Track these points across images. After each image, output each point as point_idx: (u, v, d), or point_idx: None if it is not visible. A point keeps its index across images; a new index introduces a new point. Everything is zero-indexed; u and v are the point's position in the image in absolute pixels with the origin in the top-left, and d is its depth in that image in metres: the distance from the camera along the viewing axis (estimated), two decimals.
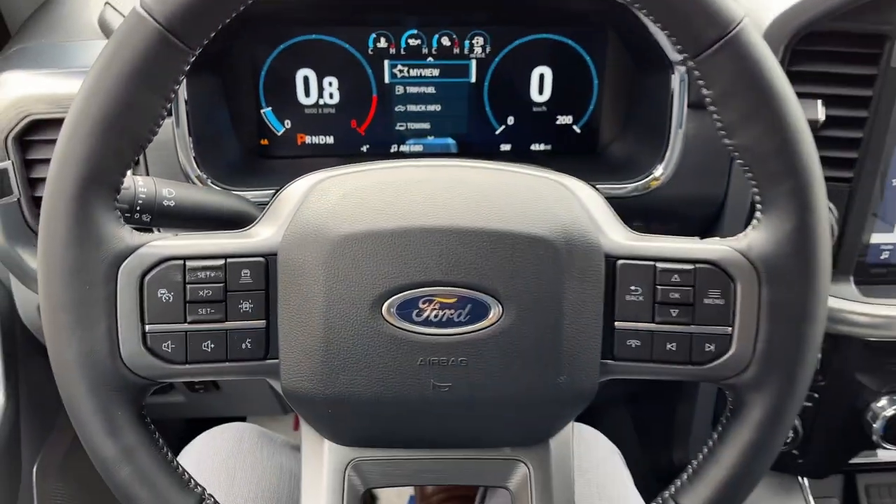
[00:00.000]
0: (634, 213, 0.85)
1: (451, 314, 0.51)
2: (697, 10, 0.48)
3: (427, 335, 0.51)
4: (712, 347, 0.54)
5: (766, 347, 0.53)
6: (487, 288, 0.51)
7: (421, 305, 0.51)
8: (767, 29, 0.73)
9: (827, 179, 0.78)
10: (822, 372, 0.86)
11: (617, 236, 0.54)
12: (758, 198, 0.53)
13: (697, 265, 0.53)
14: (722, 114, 0.51)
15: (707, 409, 1.00)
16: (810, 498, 1.07)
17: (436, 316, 0.51)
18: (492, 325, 0.51)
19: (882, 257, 0.82)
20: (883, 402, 0.85)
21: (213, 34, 0.49)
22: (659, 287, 0.53)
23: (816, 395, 0.87)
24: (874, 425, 0.85)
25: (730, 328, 0.53)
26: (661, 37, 0.79)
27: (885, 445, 0.85)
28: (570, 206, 0.54)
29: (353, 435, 0.58)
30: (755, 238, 0.53)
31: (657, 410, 1.17)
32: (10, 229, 0.81)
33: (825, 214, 0.52)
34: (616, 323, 0.54)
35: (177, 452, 0.81)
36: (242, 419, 1.49)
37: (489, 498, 0.84)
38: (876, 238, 0.82)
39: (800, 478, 1.06)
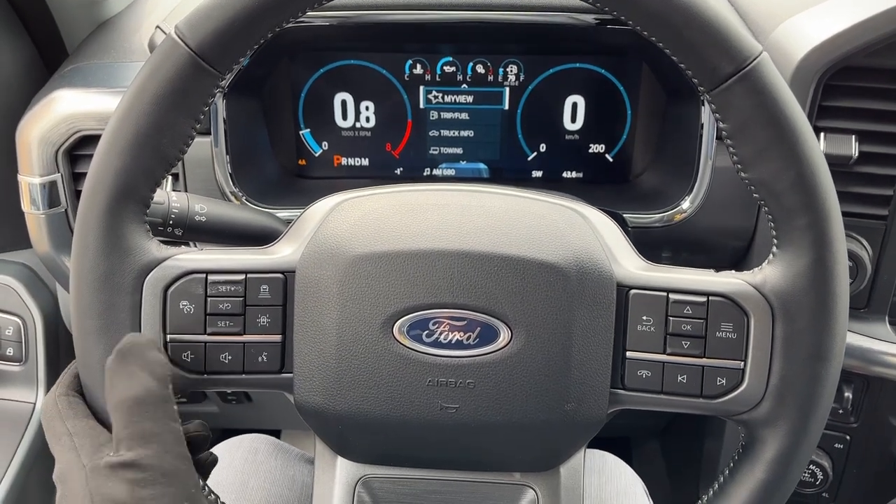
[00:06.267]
0: (663, 242, 0.85)
1: (461, 337, 0.52)
2: (714, 44, 0.48)
3: (436, 356, 0.52)
4: (724, 381, 0.53)
5: (780, 384, 0.52)
6: (497, 312, 0.52)
7: (431, 327, 0.52)
8: (799, 63, 0.72)
9: (861, 216, 0.78)
10: (853, 413, 0.83)
11: (630, 265, 0.54)
12: (774, 232, 0.52)
13: (711, 298, 0.53)
14: (737, 147, 0.51)
15: (734, 445, 0.98)
16: None
17: (445, 338, 0.52)
18: (500, 349, 0.52)
19: None
20: None
21: (241, 59, 0.52)
22: (671, 318, 0.53)
23: (848, 437, 0.84)
24: None
25: (742, 362, 0.53)
26: None
27: None
28: (582, 233, 0.54)
29: (363, 451, 0.59)
30: (770, 273, 0.52)
31: (687, 444, 1.15)
32: (57, 238, 0.85)
33: (842, 251, 0.51)
34: (627, 352, 0.54)
35: None
36: (277, 432, 1.51)
37: None
38: None
39: None
